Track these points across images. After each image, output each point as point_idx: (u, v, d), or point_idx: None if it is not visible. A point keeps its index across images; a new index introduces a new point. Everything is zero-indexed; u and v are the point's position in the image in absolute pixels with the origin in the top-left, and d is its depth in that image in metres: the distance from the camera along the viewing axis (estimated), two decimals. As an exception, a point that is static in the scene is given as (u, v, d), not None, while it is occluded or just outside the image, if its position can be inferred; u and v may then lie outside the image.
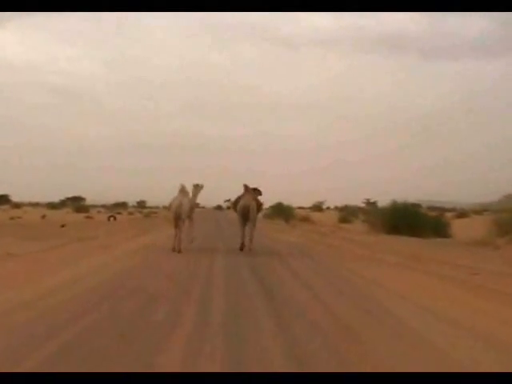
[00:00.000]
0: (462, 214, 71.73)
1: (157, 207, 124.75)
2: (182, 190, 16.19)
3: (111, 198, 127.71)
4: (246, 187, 16.73)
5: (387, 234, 30.78)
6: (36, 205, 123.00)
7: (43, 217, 61.97)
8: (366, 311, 7.63)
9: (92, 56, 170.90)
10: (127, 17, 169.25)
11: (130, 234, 25.13)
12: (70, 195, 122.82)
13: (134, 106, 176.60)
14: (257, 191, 17.21)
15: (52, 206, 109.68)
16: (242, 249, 16.49)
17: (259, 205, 17.17)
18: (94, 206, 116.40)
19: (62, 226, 29.26)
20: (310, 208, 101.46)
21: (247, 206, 16.36)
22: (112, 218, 46.27)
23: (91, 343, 5.48)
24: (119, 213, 79.18)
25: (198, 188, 17.37)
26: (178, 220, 15.68)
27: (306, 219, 50.70)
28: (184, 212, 15.65)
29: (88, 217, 61.42)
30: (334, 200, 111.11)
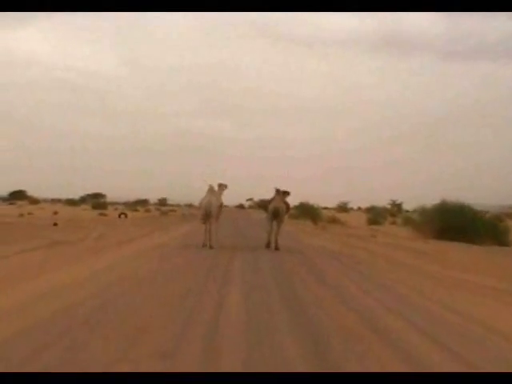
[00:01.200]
0: (496, 217, 65.66)
1: (178, 205, 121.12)
2: (211, 190, 16.72)
3: (135, 196, 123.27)
4: (277, 190, 17.23)
5: (436, 239, 25.56)
6: (56, 201, 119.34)
7: (55, 213, 57.83)
8: None
9: (114, 55, 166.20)
10: (137, 17, 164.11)
11: (133, 235, 20.27)
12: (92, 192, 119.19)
13: (156, 105, 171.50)
14: (286, 193, 17.54)
15: (71, 202, 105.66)
16: (268, 246, 16.68)
17: (288, 207, 17.78)
18: (115, 203, 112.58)
19: (55, 224, 24.46)
20: (334, 208, 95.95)
21: (277, 208, 16.94)
22: (123, 216, 41.48)
23: None
24: (136, 210, 74.69)
25: (221, 187, 17.29)
26: (207, 218, 16.40)
27: (334, 220, 45.57)
28: (213, 210, 16.37)
29: (102, 214, 57.04)
30: (355, 201, 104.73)
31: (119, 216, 41.55)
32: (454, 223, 25.76)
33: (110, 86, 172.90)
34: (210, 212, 16.29)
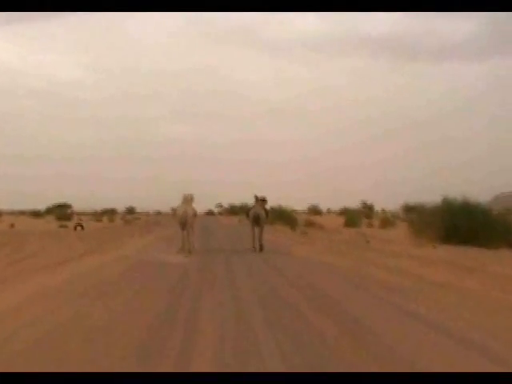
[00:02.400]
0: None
1: (147, 213, 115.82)
2: (185, 199, 16.94)
3: (104, 205, 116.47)
4: (256, 198, 17.45)
5: (442, 243, 20.85)
6: (21, 213, 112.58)
7: (12, 226, 52.17)
8: None
9: (78, 61, 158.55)
10: (116, 20, 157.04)
11: (74, 253, 15.19)
12: (60, 202, 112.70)
13: (129, 111, 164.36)
14: (264, 201, 17.65)
15: (36, 214, 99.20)
16: (255, 249, 16.82)
17: (267, 212, 17.89)
18: (83, 214, 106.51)
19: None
20: (304, 211, 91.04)
21: (258, 214, 17.13)
22: (79, 227, 36.04)
23: None
24: (100, 220, 69.08)
25: (191, 198, 17.24)
26: (184, 225, 16.68)
27: (311, 224, 40.71)
28: (189, 218, 16.67)
29: (62, 225, 51.45)
30: (322, 203, 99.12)
31: (75, 228, 36.10)
32: (463, 224, 21.07)
33: (79, 92, 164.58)
34: (186, 221, 16.65)
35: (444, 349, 5.03)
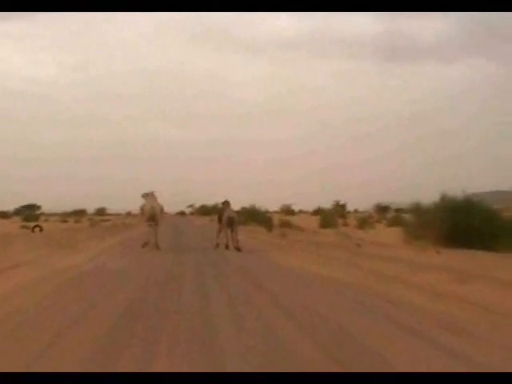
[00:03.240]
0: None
1: (118, 214, 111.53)
2: (151, 197, 17.11)
3: (77, 206, 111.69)
4: (225, 202, 17.79)
5: (443, 246, 17.90)
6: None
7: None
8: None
9: (53, 61, 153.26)
10: (96, 20, 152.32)
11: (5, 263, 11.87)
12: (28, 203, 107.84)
13: (103, 112, 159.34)
14: (227, 203, 17.81)
15: (3, 214, 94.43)
16: (227, 247, 16.87)
17: (236, 214, 18.07)
18: (52, 214, 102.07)
19: None
20: (277, 212, 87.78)
21: (232, 217, 17.20)
22: (38, 229, 32.50)
23: None
24: (65, 221, 65.21)
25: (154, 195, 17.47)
26: (151, 221, 16.69)
27: (287, 225, 37.52)
28: (157, 214, 16.87)
29: (24, 227, 47.72)
30: (294, 203, 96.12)
31: (33, 229, 32.54)
32: (467, 225, 18.15)
33: (51, 91, 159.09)
34: (155, 216, 16.76)
35: None
